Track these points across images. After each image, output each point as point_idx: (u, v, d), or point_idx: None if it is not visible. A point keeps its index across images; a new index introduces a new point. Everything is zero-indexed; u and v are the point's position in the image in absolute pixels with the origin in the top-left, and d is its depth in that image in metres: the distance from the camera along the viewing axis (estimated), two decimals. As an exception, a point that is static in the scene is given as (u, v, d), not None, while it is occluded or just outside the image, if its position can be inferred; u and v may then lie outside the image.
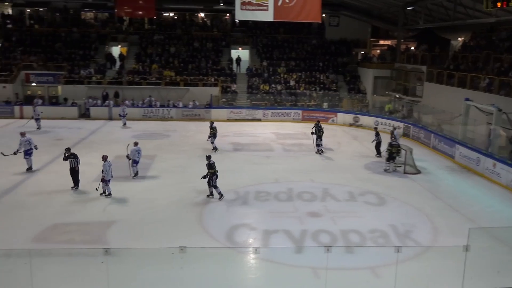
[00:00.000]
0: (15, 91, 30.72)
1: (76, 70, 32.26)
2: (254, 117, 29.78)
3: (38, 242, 10.96)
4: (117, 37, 36.05)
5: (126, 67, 33.50)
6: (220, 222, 12.67)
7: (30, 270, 7.90)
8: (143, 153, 19.55)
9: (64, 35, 35.19)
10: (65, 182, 15.58)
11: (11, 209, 13.32)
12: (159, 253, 8.59)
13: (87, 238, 11.39)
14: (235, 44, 36.74)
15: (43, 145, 21.33)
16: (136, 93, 31.10)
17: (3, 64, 32.18)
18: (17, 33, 35.09)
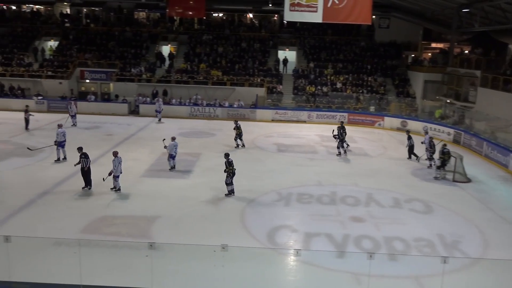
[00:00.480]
0: (70, 87, 32.10)
1: (128, 68, 33.30)
2: (299, 119, 29.65)
3: (87, 233, 11.38)
4: (168, 36, 36.91)
5: (175, 66, 34.24)
6: (261, 222, 12.70)
7: (79, 259, 8.22)
8: (188, 150, 19.93)
9: (118, 34, 36.42)
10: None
11: (63, 200, 13.93)
12: (201, 250, 8.71)
13: (132, 232, 11.72)
14: (282, 45, 36.71)
15: (94, 140, 22.19)
16: (184, 91, 31.71)
17: (60, 61, 33.71)
18: (74, 32, 36.67)
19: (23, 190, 14.48)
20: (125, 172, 16.70)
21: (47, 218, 12.46)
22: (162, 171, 17.26)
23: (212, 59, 34.70)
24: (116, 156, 14.77)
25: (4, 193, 14.21)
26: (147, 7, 38.56)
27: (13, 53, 34.57)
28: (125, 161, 18.10)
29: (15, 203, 13.36)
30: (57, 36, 36.45)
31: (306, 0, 22.59)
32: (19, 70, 32.74)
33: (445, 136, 24.57)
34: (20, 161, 17.85)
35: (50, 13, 39.18)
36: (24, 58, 34.04)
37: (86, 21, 38.94)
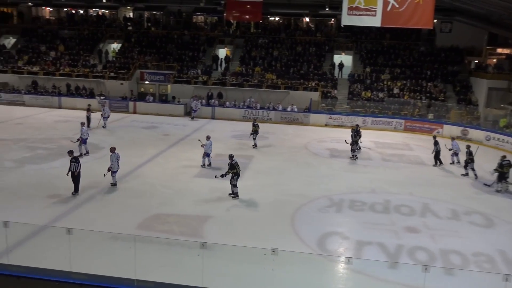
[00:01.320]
0: (130, 88, 33.39)
1: (185, 70, 34.18)
2: (353, 124, 29.10)
3: (141, 229, 11.76)
4: (224, 40, 37.54)
5: (230, 69, 34.74)
6: (312, 228, 12.57)
7: (134, 254, 8.49)
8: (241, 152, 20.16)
9: (176, 37, 37.48)
10: (168, 177, 16.59)
11: (121, 196, 14.48)
12: (252, 252, 8.73)
13: (185, 230, 11.97)
14: (338, 49, 36.27)
15: (151, 139, 22.91)
16: (238, 94, 32.10)
17: (122, 63, 35.16)
18: (136, 35, 38.13)
19: (84, 185, 15.17)
20: (179, 172, 17.18)
21: (105, 213, 12.99)
22: (214, 172, 17.49)
23: (267, 62, 34.88)
24: (114, 152, 15.20)
25: (67, 188, 14.95)
26: (205, 11, 39.39)
27: (80, 54, 36.47)
28: (180, 161, 18.68)
29: (77, 198, 14.05)
30: (120, 39, 38.06)
31: (364, 4, 22.19)
32: (84, 71, 34.49)
33: (510, 146, 23.26)
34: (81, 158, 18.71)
35: (114, 17, 41.00)
36: (89, 60, 35.82)
37: (147, 24, 40.37)
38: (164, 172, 17.21)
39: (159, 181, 16.06)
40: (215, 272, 8.89)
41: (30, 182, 15.34)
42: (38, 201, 13.76)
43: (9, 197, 13.87)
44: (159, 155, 19.75)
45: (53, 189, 14.78)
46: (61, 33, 39.08)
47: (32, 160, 18.09)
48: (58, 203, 13.58)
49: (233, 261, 9.24)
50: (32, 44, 38.08)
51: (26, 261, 8.87)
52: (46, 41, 38.27)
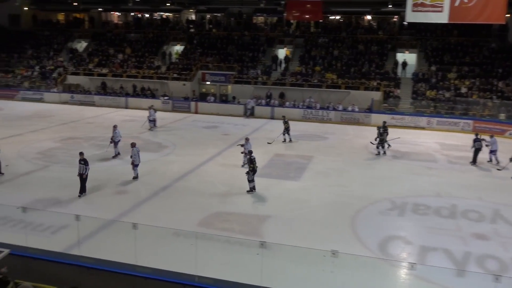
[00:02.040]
0: (192, 89, 34.25)
1: (245, 71, 34.54)
2: (417, 125, 28.08)
3: (202, 226, 12.02)
4: (284, 40, 37.52)
5: (290, 69, 34.67)
6: (373, 231, 12.26)
7: (195, 251, 8.69)
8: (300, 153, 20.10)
9: (237, 38, 37.97)
10: (228, 176, 16.85)
11: (183, 193, 14.88)
12: (311, 254, 8.65)
13: (244, 229, 12.09)
14: (401, 47, 35.11)
15: (212, 139, 23.36)
16: (298, 94, 31.96)
17: (185, 64, 36.16)
18: (198, 37, 39.07)
19: (149, 182, 15.76)
20: (239, 171, 17.36)
21: (168, 210, 13.41)
22: (274, 172, 17.56)
23: (327, 62, 34.46)
24: (134, 146, 15.90)
25: (133, 184, 15.61)
26: (266, 11, 39.58)
27: (145, 57, 37.94)
28: (239, 160, 18.83)
29: (142, 194, 14.62)
30: (183, 41, 39.17)
31: (430, 0, 21.30)
32: (149, 72, 35.84)
33: None
34: (147, 156, 19.38)
35: (178, 20, 42.24)
36: (154, 62, 37.17)
37: (209, 26, 41.23)
38: (224, 171, 17.48)
39: (219, 180, 16.33)
40: (274, 272, 8.91)
41: (99, 178, 16.12)
42: (106, 196, 14.47)
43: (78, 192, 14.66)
44: (219, 154, 20.09)
45: (120, 186, 15.47)
46: (128, 37, 40.87)
47: (101, 157, 19.05)
48: (124, 199, 14.19)
49: (292, 262, 9.21)
50: (102, 47, 40.11)
51: (95, 253, 9.33)
52: (114, 44, 40.17)
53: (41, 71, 38.27)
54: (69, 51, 40.28)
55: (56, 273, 8.75)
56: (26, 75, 38.17)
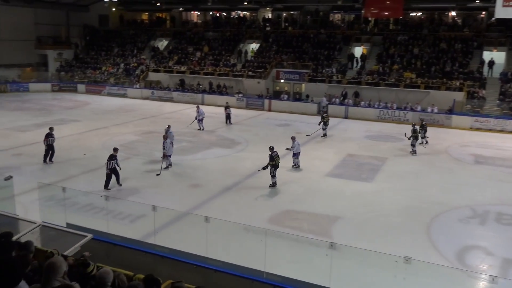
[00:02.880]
0: (266, 86, 34.53)
1: (320, 69, 34.18)
2: (504, 128, 26.15)
3: (272, 224, 12.08)
4: (361, 38, 36.61)
5: (366, 67, 33.78)
6: (450, 239, 11.61)
7: (265, 247, 8.75)
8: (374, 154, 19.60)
9: (312, 36, 37.66)
10: (299, 175, 16.77)
11: (254, 190, 15.05)
12: (382, 258, 8.37)
13: (313, 228, 11.98)
14: (488, 45, 32.81)
15: (283, 137, 23.30)
16: (374, 93, 31.07)
17: (260, 62, 36.52)
18: (274, 35, 39.27)
19: (222, 177, 16.14)
20: (310, 170, 17.24)
21: (239, 205, 13.64)
22: (346, 172, 17.23)
23: (406, 60, 33.12)
24: (167, 139, 16.74)
25: (207, 179, 16.06)
26: (343, 9, 38.86)
27: (222, 55, 38.85)
28: (311, 159, 18.72)
29: (215, 188, 15.00)
30: (259, 39, 39.58)
31: (524, -6, 19.72)
32: (225, 70, 36.65)
33: None
34: (221, 151, 19.95)
35: (254, 18, 42.75)
36: (230, 59, 37.94)
37: (285, 24, 41.28)
38: (296, 169, 17.43)
39: (291, 178, 16.32)
40: (343, 274, 8.74)
41: (175, 172, 16.80)
42: (181, 189, 15.03)
43: (158, 184, 15.36)
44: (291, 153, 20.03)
45: (195, 179, 16.00)
46: (206, 35, 42.07)
47: (177, 151, 19.76)
48: (198, 193, 14.65)
49: (362, 265, 8.96)
50: (181, 45, 41.65)
51: (169, 243, 9.72)
52: (193, 42, 41.55)
53: (125, 68, 40.56)
54: (151, 49, 42.29)
55: (133, 260, 9.24)
56: (112, 71, 40.65)
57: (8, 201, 11.59)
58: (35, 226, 8.90)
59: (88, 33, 46.29)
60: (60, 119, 26.57)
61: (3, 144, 20.06)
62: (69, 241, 8.33)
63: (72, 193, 12.04)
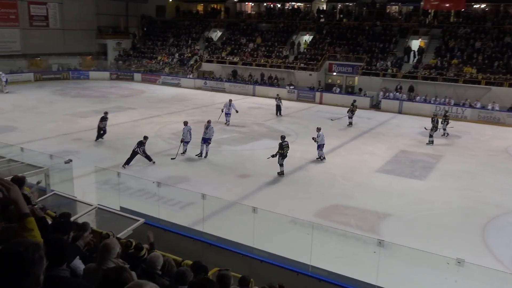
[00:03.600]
0: (318, 79, 34.14)
1: (374, 63, 33.34)
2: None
3: (319, 217, 11.99)
4: (419, 30, 35.29)
5: (423, 61, 32.58)
6: (508, 243, 11.07)
7: (311, 241, 8.72)
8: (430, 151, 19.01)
9: (368, 28, 36.74)
10: (349, 169, 16.54)
11: (302, 183, 15.00)
12: (433, 259, 8.11)
13: (361, 225, 11.79)
14: (560, 40, 30.72)
15: (334, 130, 23.08)
16: (430, 88, 29.95)
17: (313, 54, 36.12)
18: (328, 27, 38.67)
19: (270, 169, 16.17)
20: (360, 165, 16.95)
21: (286, 197, 13.63)
22: (397, 169, 16.78)
23: (467, 54, 31.60)
24: (186, 125, 17.02)
25: (255, 170, 16.17)
26: (401, 0, 37.61)
27: (274, 46, 38.75)
28: (361, 154, 18.41)
29: (263, 179, 15.07)
30: (312, 31, 39.12)
31: None
32: (277, 62, 36.56)
33: None
34: (270, 143, 19.93)
35: (308, 9, 42.27)
36: (283, 51, 37.79)
37: (340, 16, 40.53)
38: (345, 164, 17.20)
39: (340, 172, 16.11)
40: (390, 273, 8.55)
41: (224, 162, 17.03)
42: (230, 179, 15.23)
43: (208, 173, 15.65)
44: (341, 147, 19.80)
45: (243, 170, 16.15)
46: (259, 26, 42.10)
47: (227, 141, 20.05)
48: (246, 183, 14.79)
49: (411, 265, 8.74)
50: (235, 36, 41.94)
51: (217, 231, 9.90)
52: (246, 34, 41.71)
53: (180, 58, 41.42)
54: (205, 40, 42.89)
55: (181, 246, 9.49)
56: (167, 61, 41.64)
57: (67, 183, 12.22)
58: (92, 208, 9.35)
59: (146, 23, 47.65)
60: (117, 106, 27.60)
61: (65, 129, 21.13)
62: (122, 224, 8.69)
63: (126, 178, 12.53)
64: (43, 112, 24.99)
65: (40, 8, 39.53)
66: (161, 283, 4.61)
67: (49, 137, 19.43)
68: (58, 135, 20.00)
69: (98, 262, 4.29)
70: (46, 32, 39.73)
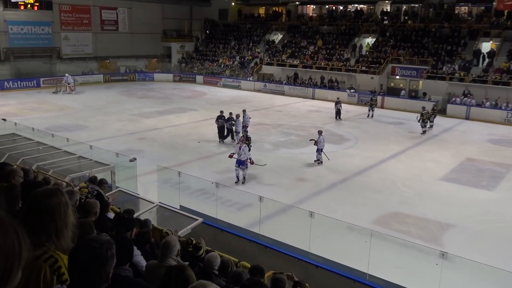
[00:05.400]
0: (380, 82, 33.26)
1: (440, 66, 32.01)
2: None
3: (377, 225, 11.66)
4: (490, 32, 33.41)
5: (494, 64, 30.82)
6: None
7: (369, 249, 8.51)
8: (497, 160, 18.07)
9: (434, 30, 35.34)
10: (410, 176, 16.00)
11: (361, 188, 14.68)
12: (501, 275, 7.65)
13: (422, 234, 11.34)
14: None
15: (396, 136, 22.42)
16: (501, 93, 28.25)
17: (375, 57, 35.29)
18: (391, 29, 37.61)
19: (328, 173, 16.00)
20: (422, 172, 16.37)
21: (344, 203, 13.42)
22: (463, 177, 15.98)
23: (544, 58, 29.54)
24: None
25: (313, 173, 16.05)
26: (471, 1, 35.83)
27: (335, 49, 38.26)
28: (424, 161, 17.76)
29: (320, 184, 14.93)
30: (375, 33, 38.20)
31: None
32: (338, 65, 36.07)
33: None
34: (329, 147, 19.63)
35: (372, 11, 41.35)
36: (344, 54, 37.22)
37: (404, 18, 39.30)
38: (407, 170, 16.64)
39: (401, 179, 15.61)
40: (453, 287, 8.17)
41: (282, 164, 17.04)
42: (287, 181, 15.21)
43: (265, 175, 15.71)
44: (403, 153, 19.18)
45: (301, 173, 16.08)
46: (320, 29, 41.75)
47: (286, 144, 20.05)
48: (304, 187, 14.71)
49: (475, 280, 8.32)
50: (295, 39, 41.87)
51: (273, 234, 9.92)
52: (307, 36, 41.51)
53: (241, 61, 42.00)
54: (266, 43, 43.18)
55: (238, 246, 9.61)
56: (228, 64, 42.35)
57: (131, 180, 12.77)
58: (153, 206, 9.70)
59: (208, 26, 48.78)
60: (180, 107, 28.45)
61: (130, 128, 22.09)
62: (182, 223, 8.93)
63: (186, 178, 12.87)
64: (111, 112, 26.28)
65: (110, 13, 41.63)
66: (217, 283, 4.70)
67: (116, 136, 20.41)
68: (124, 134, 20.96)
69: (159, 259, 4.45)
70: (115, 36, 41.78)
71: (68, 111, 26.18)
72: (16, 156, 12.07)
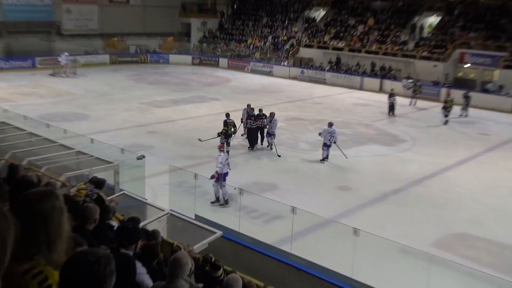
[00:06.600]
0: (445, 72, 32.54)
1: (522, 53, 31.11)
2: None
3: (438, 248, 11.33)
4: None
5: None
6: None
7: (428, 276, 8.27)
8: None
9: (516, 8, 34.36)
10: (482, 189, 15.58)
11: (419, 201, 14.35)
12: None
13: (496, 263, 10.98)
14: None
15: (464, 138, 21.92)
16: None
17: (439, 41, 34.58)
18: (460, 6, 36.73)
19: (378, 181, 15.71)
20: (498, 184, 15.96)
21: (397, 219, 13.14)
22: None
23: None
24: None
25: (359, 181, 15.79)
26: None
27: (390, 30, 37.69)
28: (500, 170, 17.25)
29: (368, 194, 14.66)
30: (440, 11, 37.41)
31: None
32: (393, 49, 35.53)
33: None
34: (379, 149, 19.42)
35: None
36: (400, 36, 36.61)
37: (478, -7, 38.41)
38: (478, 181, 16.22)
39: (470, 192, 15.22)
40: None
41: (321, 169, 16.84)
42: (326, 190, 15.03)
43: (300, 182, 15.54)
44: (473, 159, 18.70)
45: (343, 180, 15.88)
46: (372, 5, 41.21)
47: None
48: (347, 197, 14.51)
49: None
50: (341, 17, 41.49)
51: (307, 254, 9.75)
52: (356, 14, 41.09)
53: (274, 42, 41.91)
54: (304, 21, 42.93)
55: (263, 267, 9.47)
56: (259, 45, 42.35)
57: (138, 182, 12.84)
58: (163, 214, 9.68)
59: (236, 0, 48.87)
60: (198, 96, 28.60)
61: (139, 120, 22.30)
62: (197, 236, 8.87)
63: (204, 181, 12.82)
64: (117, 99, 26.63)
65: (120, -18, 42.31)
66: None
67: (122, 128, 20.64)
68: (131, 126, 21.18)
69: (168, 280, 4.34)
70: (125, 9, 42.38)
71: (67, 97, 26.70)
72: (4, 148, 12.29)
